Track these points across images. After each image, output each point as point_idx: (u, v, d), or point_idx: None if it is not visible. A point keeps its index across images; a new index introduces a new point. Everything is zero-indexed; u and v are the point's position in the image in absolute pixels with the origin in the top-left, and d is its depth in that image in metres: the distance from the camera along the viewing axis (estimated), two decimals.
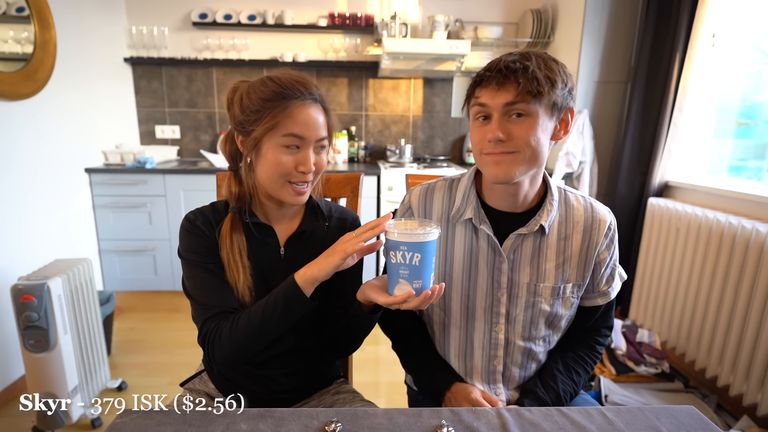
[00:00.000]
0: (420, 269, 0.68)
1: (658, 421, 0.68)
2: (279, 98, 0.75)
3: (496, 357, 0.88)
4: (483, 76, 0.75)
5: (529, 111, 0.73)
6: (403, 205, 0.94)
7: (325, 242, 0.87)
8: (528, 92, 0.71)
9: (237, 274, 0.79)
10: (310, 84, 0.78)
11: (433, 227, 0.69)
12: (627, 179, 2.24)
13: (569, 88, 0.76)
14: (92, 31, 2.47)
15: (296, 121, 0.75)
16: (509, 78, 0.72)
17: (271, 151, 0.76)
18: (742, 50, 1.89)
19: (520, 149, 0.74)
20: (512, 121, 0.74)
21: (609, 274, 0.87)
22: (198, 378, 0.96)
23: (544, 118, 0.74)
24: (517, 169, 0.75)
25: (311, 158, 0.77)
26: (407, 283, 0.68)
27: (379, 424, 0.66)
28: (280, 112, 0.74)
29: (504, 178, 0.76)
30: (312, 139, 0.77)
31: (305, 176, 0.78)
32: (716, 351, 1.67)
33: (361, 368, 2.02)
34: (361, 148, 3.10)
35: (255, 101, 0.75)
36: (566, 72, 0.76)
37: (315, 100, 0.78)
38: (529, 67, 0.71)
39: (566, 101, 0.76)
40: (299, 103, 0.75)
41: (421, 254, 0.67)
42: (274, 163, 0.76)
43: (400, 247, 0.67)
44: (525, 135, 0.73)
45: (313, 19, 2.90)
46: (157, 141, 3.04)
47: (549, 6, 2.72)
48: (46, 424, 1.52)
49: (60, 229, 2.17)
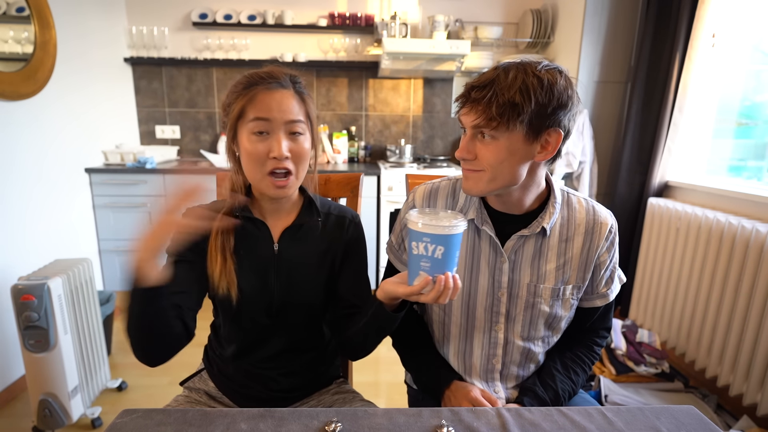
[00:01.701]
0: (443, 263, 0.66)
1: (658, 421, 0.68)
2: (245, 87, 0.77)
3: (495, 356, 0.88)
4: (459, 96, 0.76)
5: (496, 136, 0.73)
6: (407, 204, 0.94)
7: (320, 238, 0.87)
8: (489, 119, 0.71)
9: (215, 264, 0.79)
10: (278, 73, 0.79)
11: (460, 220, 0.67)
12: (627, 179, 2.24)
13: (555, 107, 0.71)
14: (92, 31, 2.47)
15: (259, 105, 0.76)
16: (474, 102, 0.72)
17: (245, 139, 0.77)
18: (742, 50, 1.89)
19: (485, 168, 0.75)
20: (481, 141, 0.75)
21: (608, 277, 0.87)
22: (198, 377, 0.97)
23: (515, 142, 0.72)
24: (483, 186, 0.77)
25: (283, 144, 0.76)
26: (428, 276, 0.66)
27: (379, 424, 0.66)
28: (245, 98, 0.76)
29: (470, 192, 0.79)
30: (279, 121, 0.76)
31: (279, 162, 0.76)
32: (716, 351, 1.67)
33: (361, 368, 2.02)
34: (361, 148, 3.10)
35: (229, 96, 0.79)
36: (555, 91, 0.70)
37: (282, 86, 0.78)
38: (492, 95, 0.70)
39: (547, 124, 0.72)
40: (263, 88, 0.77)
41: (444, 247, 0.65)
42: (249, 151, 0.77)
43: (423, 238, 0.65)
44: (489, 157, 0.74)
45: (313, 19, 2.90)
46: (157, 141, 3.04)
47: (549, 6, 2.72)
48: (46, 424, 1.52)
49: (60, 229, 2.17)
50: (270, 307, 0.84)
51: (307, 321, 0.89)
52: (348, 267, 0.90)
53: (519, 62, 0.73)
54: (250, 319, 0.84)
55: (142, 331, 0.73)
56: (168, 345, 0.76)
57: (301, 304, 0.86)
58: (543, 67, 0.71)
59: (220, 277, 0.79)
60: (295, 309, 0.86)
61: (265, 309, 0.84)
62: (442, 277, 0.66)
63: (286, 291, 0.84)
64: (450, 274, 0.67)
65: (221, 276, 0.79)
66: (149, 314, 0.71)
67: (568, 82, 0.72)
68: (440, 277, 0.66)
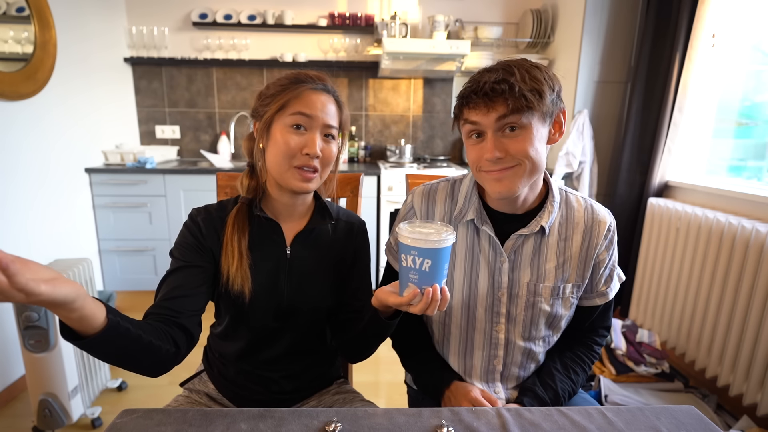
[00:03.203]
0: (430, 275, 0.66)
1: (658, 421, 0.68)
2: (292, 83, 0.79)
3: (496, 357, 0.88)
4: (469, 98, 0.74)
5: (522, 124, 0.73)
6: (405, 206, 0.94)
7: (329, 243, 0.87)
8: (518, 108, 0.71)
9: (231, 259, 0.79)
10: (325, 77, 0.82)
11: (449, 233, 0.67)
12: (627, 179, 2.24)
13: (557, 91, 0.76)
14: (92, 31, 2.47)
15: (305, 102, 0.77)
16: (496, 99, 0.71)
17: (279, 131, 0.78)
18: (742, 50, 1.89)
19: (520, 162, 0.75)
20: (507, 136, 0.74)
21: (608, 275, 0.88)
22: (198, 378, 0.97)
23: (538, 127, 0.74)
24: (520, 182, 0.76)
25: (318, 143, 0.78)
26: (416, 288, 0.67)
27: (379, 424, 0.66)
28: (292, 92, 0.78)
29: (507, 193, 0.76)
30: (319, 121, 0.78)
31: (310, 160, 0.78)
32: (716, 351, 1.67)
33: (361, 368, 2.02)
34: (361, 148, 3.10)
35: (271, 89, 0.80)
36: (551, 76, 0.75)
37: (327, 91, 0.81)
38: (514, 85, 0.70)
39: (556, 105, 0.76)
40: (310, 87, 0.79)
41: (432, 260, 0.65)
42: (281, 143, 0.77)
43: (411, 251, 0.66)
44: (523, 148, 0.73)
45: (313, 19, 2.90)
46: (157, 141, 3.04)
47: (549, 6, 2.72)
48: (46, 424, 1.52)
49: (60, 229, 2.17)
50: (278, 309, 0.84)
51: (312, 325, 0.89)
52: (354, 273, 0.90)
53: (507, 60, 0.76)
54: (257, 321, 0.84)
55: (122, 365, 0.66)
56: (159, 363, 0.70)
57: (309, 308, 0.86)
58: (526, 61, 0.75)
59: (236, 274, 0.78)
60: (303, 313, 0.86)
61: (274, 311, 0.84)
62: (429, 289, 0.66)
63: (296, 295, 0.84)
64: (438, 286, 0.67)
65: (237, 273, 0.78)
66: (115, 354, 0.63)
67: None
68: (428, 290, 0.66)
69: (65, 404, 1.53)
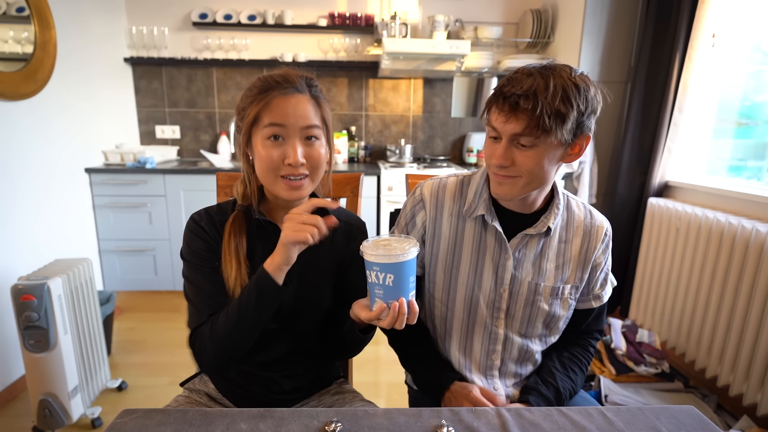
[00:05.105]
0: (394, 289, 0.66)
1: (658, 421, 0.68)
2: (260, 92, 0.76)
3: (494, 351, 0.90)
4: (497, 101, 0.75)
5: (536, 143, 0.74)
6: (413, 198, 0.94)
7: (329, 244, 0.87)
8: (535, 128, 0.71)
9: (230, 269, 0.79)
10: (293, 76, 0.78)
11: (411, 246, 0.67)
12: (627, 179, 2.24)
13: (588, 113, 0.74)
14: (92, 31, 2.47)
15: (275, 111, 0.75)
16: (518, 111, 0.72)
17: (259, 144, 0.77)
18: (742, 50, 1.89)
19: (522, 174, 0.77)
20: (518, 148, 0.76)
21: (603, 278, 0.92)
22: (198, 378, 0.96)
23: (552, 149, 0.75)
24: (517, 191, 0.79)
25: (298, 150, 0.76)
26: (383, 303, 0.68)
27: (379, 424, 0.66)
28: (260, 103, 0.75)
29: (504, 197, 0.82)
30: (294, 127, 0.76)
31: (294, 169, 0.76)
32: (716, 351, 1.67)
33: (361, 368, 2.02)
34: (361, 148, 3.10)
35: (244, 101, 0.78)
36: (589, 98, 0.73)
37: (298, 91, 0.77)
38: (539, 104, 0.69)
39: (581, 130, 0.75)
40: (279, 93, 0.76)
41: (394, 275, 0.65)
42: (263, 156, 0.76)
43: (373, 267, 0.66)
44: (528, 163, 0.75)
45: (313, 19, 2.90)
46: (157, 141, 3.04)
47: (549, 6, 2.72)
48: (46, 424, 1.52)
49: (60, 229, 2.17)
50: (279, 311, 0.83)
51: (312, 326, 0.89)
52: (351, 274, 0.90)
53: (550, 67, 0.73)
54: None
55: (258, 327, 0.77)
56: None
57: (310, 309, 0.86)
58: (574, 74, 0.73)
59: (235, 281, 0.78)
60: (304, 314, 0.86)
61: (275, 313, 0.84)
62: (396, 303, 0.67)
63: (297, 296, 0.84)
64: (405, 300, 0.67)
65: (236, 280, 0.78)
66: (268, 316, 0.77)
67: (596, 87, 0.76)
68: (394, 304, 0.67)
69: (65, 404, 1.53)
